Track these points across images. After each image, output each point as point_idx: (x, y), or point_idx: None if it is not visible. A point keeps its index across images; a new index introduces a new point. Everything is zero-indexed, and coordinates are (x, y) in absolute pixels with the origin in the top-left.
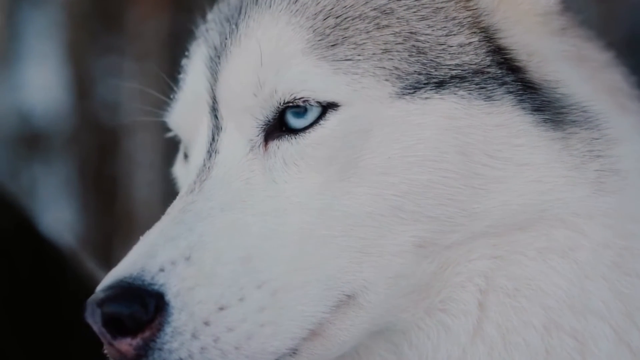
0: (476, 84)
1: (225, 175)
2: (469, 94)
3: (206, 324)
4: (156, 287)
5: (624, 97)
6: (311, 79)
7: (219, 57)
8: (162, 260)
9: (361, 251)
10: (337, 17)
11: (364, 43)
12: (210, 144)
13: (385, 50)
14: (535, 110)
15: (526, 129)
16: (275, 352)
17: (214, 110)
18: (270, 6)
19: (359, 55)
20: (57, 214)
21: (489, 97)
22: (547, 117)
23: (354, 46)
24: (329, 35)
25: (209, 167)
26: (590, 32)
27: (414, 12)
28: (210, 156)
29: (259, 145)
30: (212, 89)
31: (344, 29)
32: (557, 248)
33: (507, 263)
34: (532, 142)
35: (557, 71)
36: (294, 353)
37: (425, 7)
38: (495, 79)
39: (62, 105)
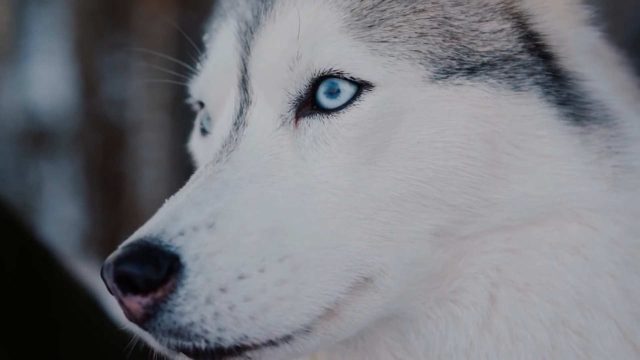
0: (505, 72)
1: (254, 148)
2: (499, 82)
3: (223, 290)
4: (172, 249)
5: (633, 96)
6: (348, 56)
7: (252, 32)
8: (184, 224)
9: (382, 235)
10: None
11: (401, 26)
12: (238, 117)
13: (421, 34)
14: (559, 104)
15: (549, 122)
16: (290, 326)
17: (244, 83)
18: None
19: (395, 37)
20: (64, 211)
21: (517, 87)
22: (570, 111)
23: (390, 28)
24: (366, 16)
25: (236, 139)
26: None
27: None
28: (238, 128)
29: (290, 121)
30: (243, 63)
31: (381, 10)
32: (569, 244)
33: (519, 257)
34: (554, 135)
35: (583, 63)
36: (307, 331)
37: None
38: (525, 67)
39: (68, 102)
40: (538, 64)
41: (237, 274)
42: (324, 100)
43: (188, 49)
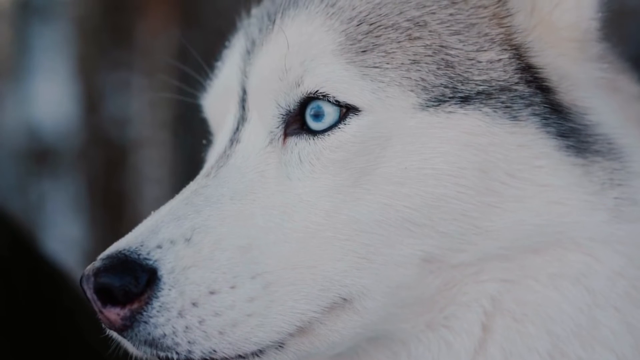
0: (502, 102)
1: (242, 164)
2: (494, 111)
3: (194, 304)
4: (150, 262)
5: None
6: (337, 79)
7: (253, 50)
8: (162, 237)
9: (364, 257)
10: (370, 25)
11: (394, 52)
12: (234, 133)
13: (414, 62)
14: (559, 136)
15: (548, 152)
16: (259, 342)
17: (243, 100)
18: (307, 7)
19: (387, 63)
20: (65, 229)
21: (514, 117)
22: (571, 143)
23: (383, 54)
24: (360, 41)
25: (228, 155)
26: (624, 63)
27: (447, 26)
28: (232, 144)
29: (279, 138)
30: (243, 81)
31: (376, 36)
32: (570, 274)
33: (517, 287)
34: (553, 165)
35: (589, 98)
36: (280, 347)
37: (459, 23)
38: (522, 98)
39: (71, 120)
40: (536, 95)
41: (209, 289)
42: (311, 122)
43: (190, 67)
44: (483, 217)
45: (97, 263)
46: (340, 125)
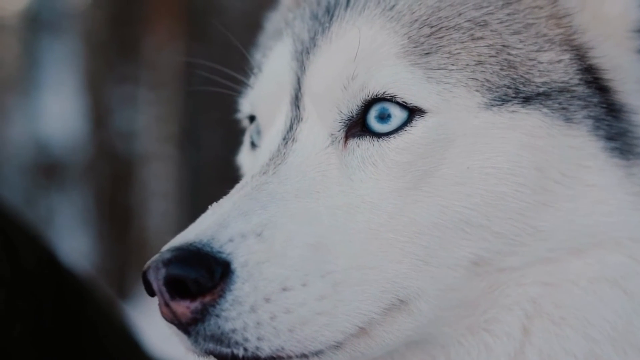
0: (559, 103)
1: (302, 163)
2: (552, 112)
3: (267, 300)
4: (224, 256)
5: None
6: (403, 81)
7: (308, 52)
8: (233, 231)
9: (422, 259)
10: (432, 27)
11: (459, 53)
12: (288, 132)
13: (479, 62)
14: (607, 138)
15: (595, 153)
16: (325, 342)
17: (297, 100)
18: (363, 10)
19: (452, 65)
20: (73, 242)
21: (569, 118)
22: (616, 145)
23: (447, 55)
24: (423, 43)
25: (284, 153)
26: None
27: (507, 25)
28: (287, 143)
29: (339, 141)
30: (298, 81)
31: (439, 38)
32: (609, 276)
33: (557, 290)
34: (599, 166)
35: (635, 94)
36: (338, 347)
37: (517, 22)
38: (579, 99)
39: (78, 134)
40: (594, 96)
41: (282, 286)
42: (375, 124)
43: (196, 80)
44: (537, 217)
45: (166, 254)
46: (407, 128)
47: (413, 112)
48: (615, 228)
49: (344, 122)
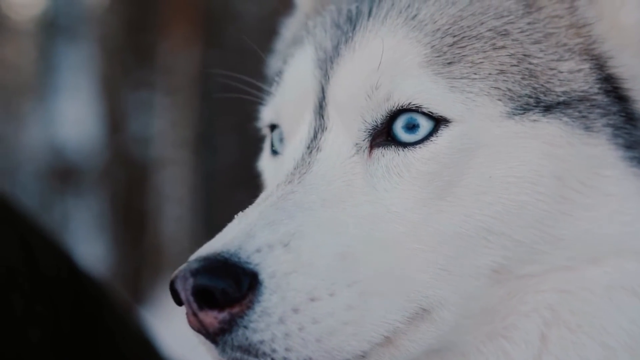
0: (579, 112)
1: (327, 172)
2: (572, 121)
3: (295, 311)
4: (251, 266)
5: None
6: (428, 91)
7: (331, 61)
8: (260, 241)
9: (445, 269)
10: (454, 36)
11: (481, 62)
12: (312, 141)
13: (501, 71)
14: (626, 147)
15: (615, 163)
16: (352, 352)
17: (320, 109)
18: (385, 19)
19: (475, 74)
20: (88, 247)
21: (589, 127)
22: (635, 155)
23: (470, 65)
24: (446, 52)
25: (309, 162)
26: None
27: (527, 35)
28: (311, 152)
29: (364, 150)
30: (322, 89)
31: (461, 47)
32: (627, 284)
33: (574, 298)
34: (618, 175)
35: None
36: (363, 357)
37: (538, 32)
38: (599, 108)
39: (94, 139)
40: (613, 105)
41: (310, 296)
42: (401, 134)
43: (211, 86)
44: (557, 226)
45: (193, 264)
46: (433, 138)
47: (439, 122)
48: (634, 237)
49: (369, 132)
